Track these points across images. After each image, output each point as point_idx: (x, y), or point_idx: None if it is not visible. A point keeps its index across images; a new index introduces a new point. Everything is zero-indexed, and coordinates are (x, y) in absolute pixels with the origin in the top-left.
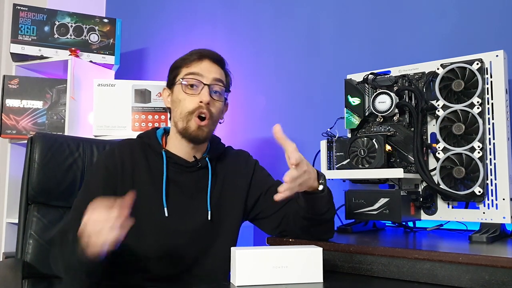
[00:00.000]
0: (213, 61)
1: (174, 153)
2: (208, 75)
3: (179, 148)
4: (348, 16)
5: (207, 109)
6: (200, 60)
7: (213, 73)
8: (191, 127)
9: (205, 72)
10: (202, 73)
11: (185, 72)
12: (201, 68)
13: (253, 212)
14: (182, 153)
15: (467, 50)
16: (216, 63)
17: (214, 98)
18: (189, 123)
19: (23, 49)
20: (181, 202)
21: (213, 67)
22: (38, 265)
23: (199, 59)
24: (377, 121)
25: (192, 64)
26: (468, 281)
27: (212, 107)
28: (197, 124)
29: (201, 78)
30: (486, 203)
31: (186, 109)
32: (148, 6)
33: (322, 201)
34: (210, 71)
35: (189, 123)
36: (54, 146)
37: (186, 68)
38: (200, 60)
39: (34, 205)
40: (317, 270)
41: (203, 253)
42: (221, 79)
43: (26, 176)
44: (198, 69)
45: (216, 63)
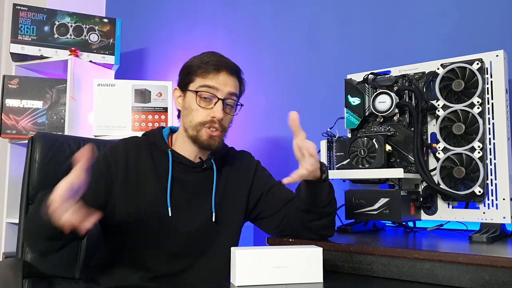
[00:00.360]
0: (230, 73)
1: (180, 153)
2: (223, 89)
3: (186, 149)
4: (348, 16)
5: (219, 124)
6: (217, 72)
7: (228, 86)
8: (202, 136)
9: (221, 86)
10: (218, 86)
11: (200, 83)
12: (217, 82)
13: (254, 212)
14: (188, 154)
15: (467, 50)
16: (232, 75)
17: (227, 111)
18: (200, 133)
19: (23, 49)
20: (185, 202)
21: (229, 80)
22: (38, 264)
23: (216, 70)
24: (377, 121)
25: (209, 76)
26: (468, 281)
27: (225, 121)
28: (208, 134)
29: (216, 92)
30: (486, 203)
31: (197, 120)
32: (148, 6)
33: (324, 191)
34: (226, 85)
35: (199, 133)
36: (54, 146)
37: (202, 78)
38: (217, 72)
39: None
40: (317, 270)
41: (204, 253)
42: (235, 93)
43: (27, 176)
44: (214, 82)
45: (233, 75)
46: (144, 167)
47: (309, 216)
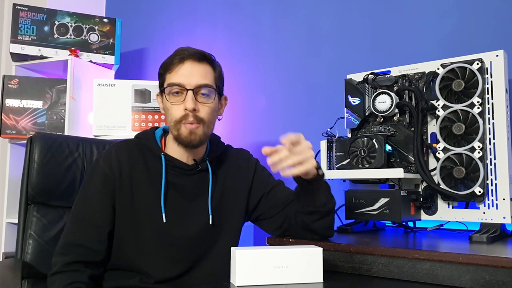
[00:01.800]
0: (195, 61)
1: (173, 156)
2: (190, 80)
3: (177, 151)
4: (348, 16)
5: (193, 116)
6: (181, 63)
7: (196, 76)
8: (182, 133)
9: (187, 78)
10: (182, 81)
11: (168, 81)
12: (183, 74)
13: (255, 213)
14: (181, 156)
15: (467, 50)
16: (199, 62)
17: (202, 101)
18: (180, 131)
19: (23, 49)
20: (181, 206)
21: (195, 68)
22: (37, 265)
23: (180, 62)
24: (377, 121)
25: (174, 70)
26: (468, 281)
27: (201, 112)
28: (188, 129)
29: (183, 85)
30: (486, 203)
31: (174, 118)
32: (148, 6)
33: (321, 188)
34: (193, 75)
35: (180, 131)
36: (53, 146)
37: (169, 74)
38: (181, 63)
39: (33, 205)
40: (317, 270)
41: (203, 256)
42: (205, 83)
43: (26, 176)
44: (180, 75)
45: (200, 62)
46: (138, 173)
47: (312, 216)
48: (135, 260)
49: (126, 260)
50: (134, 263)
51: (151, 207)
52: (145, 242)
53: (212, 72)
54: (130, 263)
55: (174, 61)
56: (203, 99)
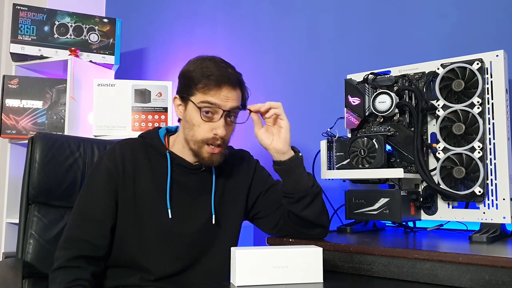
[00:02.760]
0: (232, 87)
1: (178, 154)
2: (225, 104)
3: (184, 152)
4: (348, 16)
5: (221, 141)
6: (219, 88)
7: (230, 101)
8: (203, 153)
9: (222, 102)
10: (220, 103)
11: (202, 99)
12: (219, 98)
13: (253, 211)
14: (186, 156)
15: (467, 50)
16: (235, 88)
17: (228, 123)
18: (201, 149)
19: (23, 49)
20: (185, 203)
21: (231, 94)
22: (38, 264)
23: (218, 86)
24: (377, 121)
25: (210, 93)
26: (468, 281)
27: (227, 136)
28: (209, 152)
29: (218, 108)
30: (486, 203)
31: (199, 137)
32: (148, 6)
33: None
34: (228, 100)
35: (201, 150)
36: (54, 146)
37: (203, 94)
38: (219, 87)
39: (34, 205)
40: (317, 270)
41: (204, 254)
42: (238, 106)
43: (27, 176)
44: (216, 98)
45: (235, 88)
46: (142, 170)
47: (300, 204)
48: (136, 256)
49: (127, 257)
50: (135, 259)
51: (154, 204)
52: (147, 239)
53: (242, 95)
54: (131, 260)
55: (210, 83)
56: (230, 121)
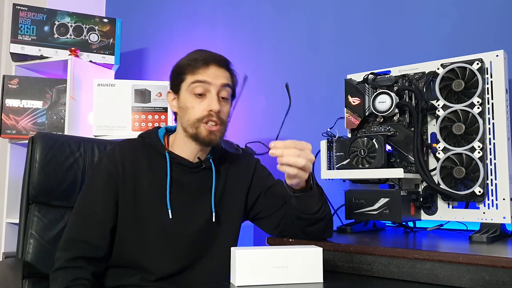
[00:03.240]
0: (219, 65)
1: (178, 153)
2: (215, 81)
3: (184, 149)
4: (348, 16)
5: (217, 117)
6: (206, 66)
7: (220, 78)
8: (201, 133)
9: (212, 79)
10: (210, 80)
11: (192, 80)
12: (208, 75)
13: (253, 211)
14: (186, 154)
15: (467, 50)
16: (222, 67)
17: (222, 103)
18: (199, 129)
19: (23, 49)
20: (185, 203)
21: (220, 72)
22: (38, 264)
23: (206, 65)
24: (377, 121)
25: (199, 71)
26: (468, 281)
27: (221, 113)
28: (207, 130)
29: (208, 86)
30: (486, 203)
31: (194, 117)
32: (148, 6)
33: (311, 198)
34: (218, 77)
35: (198, 130)
36: (55, 146)
37: (192, 75)
38: (207, 66)
39: (35, 205)
40: (317, 270)
41: (204, 253)
42: (228, 84)
43: (27, 175)
44: (205, 76)
45: (223, 67)
46: (142, 170)
47: (301, 222)
48: (137, 256)
49: (127, 257)
50: (136, 259)
51: (154, 203)
52: (147, 239)
53: (231, 77)
54: (131, 260)
55: (198, 63)
56: (223, 102)
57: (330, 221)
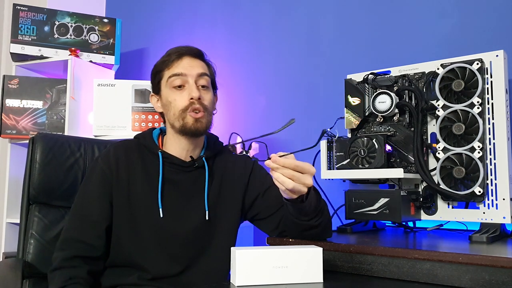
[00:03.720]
0: (193, 57)
1: (171, 153)
2: (191, 71)
3: (177, 147)
4: (348, 16)
5: (199, 104)
6: (179, 59)
7: (195, 68)
8: (188, 122)
9: (188, 70)
10: (185, 71)
11: (168, 75)
12: (183, 67)
13: (251, 212)
14: (179, 153)
15: (467, 50)
16: (196, 58)
17: (203, 91)
18: (185, 119)
19: (23, 49)
20: (178, 202)
21: (194, 62)
22: (39, 265)
23: (179, 58)
24: (377, 121)
25: (173, 65)
26: (468, 281)
27: (204, 100)
28: (193, 118)
29: (185, 77)
30: (486, 203)
31: (178, 108)
32: (148, 6)
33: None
34: (193, 67)
35: (185, 120)
36: (55, 146)
37: (168, 70)
38: (180, 58)
39: (35, 205)
40: (317, 270)
41: (200, 253)
42: (205, 72)
43: (28, 176)
44: (180, 68)
45: (197, 58)
46: (135, 170)
47: (299, 227)
48: (133, 256)
49: (124, 257)
50: (132, 259)
51: (148, 203)
52: (143, 238)
53: (207, 67)
54: (128, 259)
55: (172, 58)
56: (204, 90)
57: (326, 228)
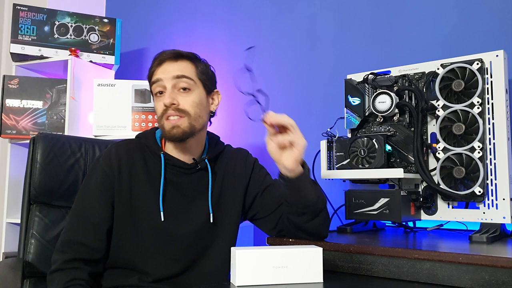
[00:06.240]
0: (172, 60)
1: (173, 155)
2: (167, 75)
3: (175, 150)
4: (348, 16)
5: (174, 109)
6: (160, 65)
7: (172, 71)
8: (165, 128)
9: (164, 75)
10: (162, 76)
11: (151, 83)
12: (161, 72)
13: (251, 212)
14: (180, 155)
15: (467, 50)
16: (176, 60)
17: (183, 95)
18: (164, 126)
19: (23, 49)
20: (180, 204)
21: (173, 66)
22: (39, 264)
23: (159, 64)
24: (377, 121)
25: (155, 72)
26: (468, 281)
27: (184, 105)
28: (169, 124)
29: (162, 82)
30: (486, 203)
31: (158, 115)
32: (148, 6)
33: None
34: (169, 71)
35: (163, 126)
36: (56, 146)
37: (151, 77)
38: (160, 64)
39: (36, 205)
40: (317, 270)
41: (202, 254)
42: (183, 74)
43: (28, 176)
44: (158, 74)
45: (176, 60)
46: (137, 171)
47: (302, 217)
48: (134, 258)
49: (125, 259)
50: (133, 261)
51: (149, 205)
52: (144, 241)
53: (192, 67)
54: (129, 262)
55: (153, 65)
56: (184, 93)
57: (328, 216)
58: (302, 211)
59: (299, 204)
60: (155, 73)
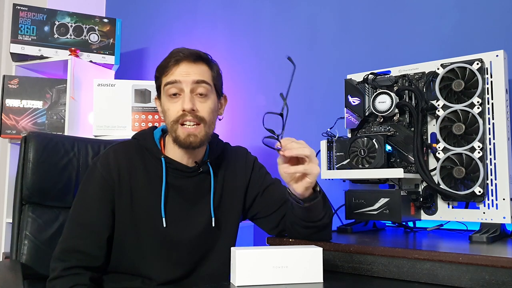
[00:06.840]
0: (191, 62)
1: (173, 158)
2: (187, 79)
3: (177, 153)
4: (348, 16)
5: (193, 116)
6: (177, 65)
7: (192, 75)
8: (180, 135)
9: (183, 77)
10: (180, 78)
11: (165, 82)
12: (179, 74)
13: (251, 211)
14: (181, 158)
15: (467, 50)
16: (195, 63)
17: (201, 100)
18: (177, 132)
19: (23, 49)
20: (182, 209)
21: (192, 68)
22: (34, 265)
23: (176, 63)
24: (377, 121)
25: (170, 71)
26: (468, 281)
27: (201, 111)
28: (185, 132)
29: (180, 84)
30: (486, 203)
31: (170, 119)
32: (148, 6)
33: (319, 205)
34: (189, 74)
35: (177, 132)
36: (48, 146)
37: (165, 77)
38: (177, 64)
39: (28, 206)
40: (317, 270)
41: (204, 257)
42: (203, 79)
43: (20, 176)
44: (176, 75)
45: (196, 62)
46: (138, 177)
47: (308, 230)
48: (137, 264)
49: (127, 264)
50: (136, 267)
51: (151, 211)
52: (146, 246)
53: (209, 71)
54: (131, 267)
55: (169, 64)
56: (202, 99)
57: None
58: (308, 225)
59: (306, 219)
60: (171, 72)
